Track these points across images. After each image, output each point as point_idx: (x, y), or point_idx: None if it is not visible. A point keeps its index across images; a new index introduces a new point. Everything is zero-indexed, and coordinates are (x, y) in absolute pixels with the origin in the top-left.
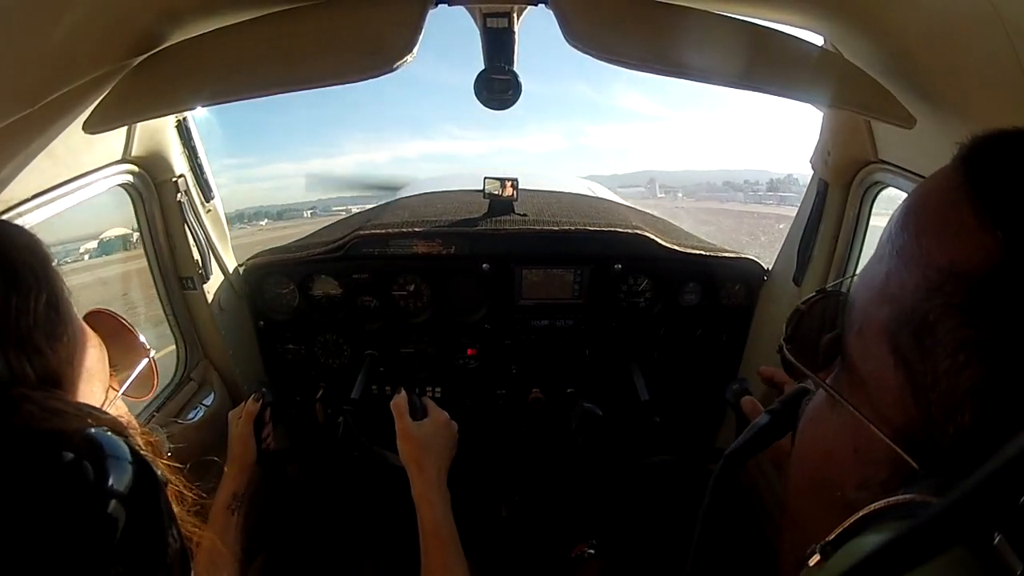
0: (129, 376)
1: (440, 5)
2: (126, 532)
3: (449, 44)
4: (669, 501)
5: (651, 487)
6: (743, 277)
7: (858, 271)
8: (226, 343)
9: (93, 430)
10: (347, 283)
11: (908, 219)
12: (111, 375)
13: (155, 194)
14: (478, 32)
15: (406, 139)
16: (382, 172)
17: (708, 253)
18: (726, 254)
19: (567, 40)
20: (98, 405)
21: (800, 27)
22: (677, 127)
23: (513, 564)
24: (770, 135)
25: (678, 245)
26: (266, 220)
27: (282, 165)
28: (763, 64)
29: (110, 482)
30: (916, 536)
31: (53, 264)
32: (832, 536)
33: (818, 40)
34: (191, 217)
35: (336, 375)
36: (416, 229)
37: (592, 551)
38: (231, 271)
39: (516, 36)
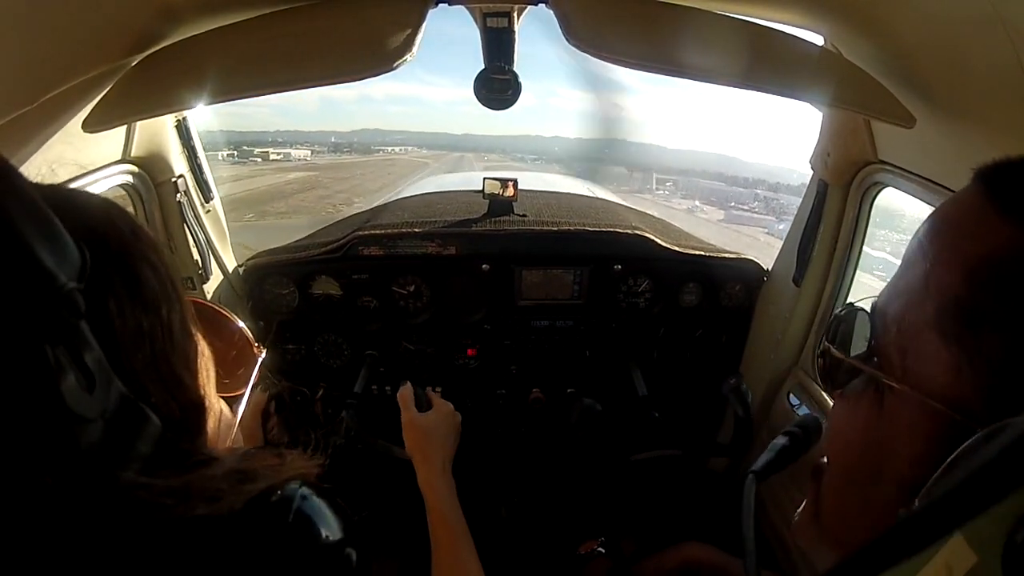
0: (240, 387)
1: (440, 5)
2: None
3: None
4: (668, 497)
5: (650, 483)
6: (743, 278)
7: (857, 271)
8: None
9: (295, 488)
10: (347, 283)
11: (939, 232)
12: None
13: (155, 194)
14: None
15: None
16: (347, 121)
17: (708, 253)
18: (726, 255)
19: (567, 40)
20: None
21: (800, 27)
22: (650, 101)
23: (514, 565)
24: (741, 120)
25: (677, 245)
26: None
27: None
28: (763, 64)
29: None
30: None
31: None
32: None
33: (818, 40)
34: (191, 217)
35: (336, 375)
36: (416, 229)
37: (602, 550)
38: (231, 271)
39: (516, 36)
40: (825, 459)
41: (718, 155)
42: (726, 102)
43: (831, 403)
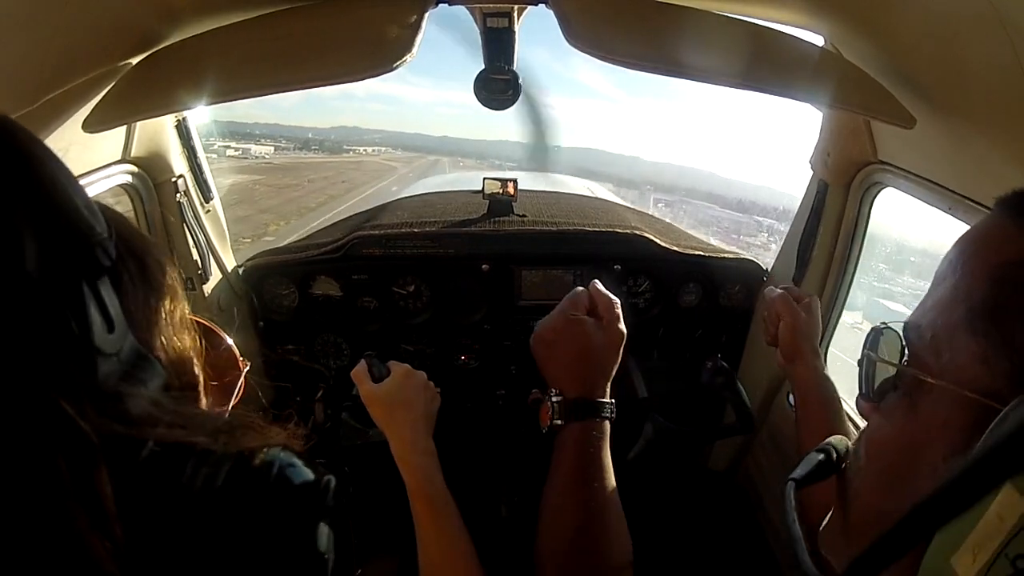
0: (228, 390)
1: (440, 5)
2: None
3: None
4: (668, 497)
5: (651, 483)
6: (742, 278)
7: (857, 272)
8: None
9: (281, 453)
10: (347, 284)
11: (965, 250)
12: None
13: (154, 194)
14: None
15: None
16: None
17: (707, 254)
18: (725, 255)
19: (567, 40)
20: None
21: (800, 27)
22: (630, 111)
23: (513, 564)
24: (727, 133)
25: (677, 245)
26: None
27: None
28: (763, 64)
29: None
30: None
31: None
32: None
33: (818, 40)
34: (190, 217)
35: (336, 376)
36: (415, 230)
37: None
38: (230, 271)
39: (516, 36)
40: (850, 468)
41: (696, 169)
42: (703, 113)
43: None
